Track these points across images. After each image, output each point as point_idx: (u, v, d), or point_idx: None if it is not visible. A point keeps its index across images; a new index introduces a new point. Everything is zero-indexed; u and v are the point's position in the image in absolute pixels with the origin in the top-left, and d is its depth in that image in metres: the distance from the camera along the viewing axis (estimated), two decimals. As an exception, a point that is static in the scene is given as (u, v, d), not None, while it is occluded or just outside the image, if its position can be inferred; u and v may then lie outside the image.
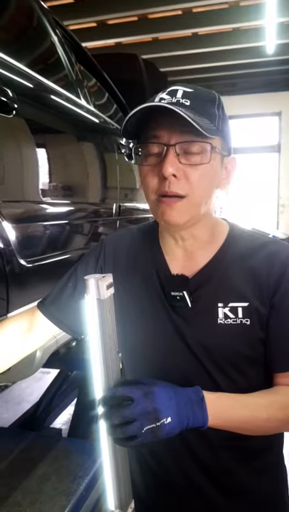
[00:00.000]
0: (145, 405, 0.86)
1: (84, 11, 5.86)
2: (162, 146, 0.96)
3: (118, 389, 0.89)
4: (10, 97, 1.48)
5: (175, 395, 0.90)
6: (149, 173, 0.99)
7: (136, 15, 6.13)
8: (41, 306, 1.18)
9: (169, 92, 0.98)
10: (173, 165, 0.94)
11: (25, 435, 2.00)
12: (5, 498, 1.54)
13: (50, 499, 1.55)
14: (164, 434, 0.86)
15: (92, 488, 1.69)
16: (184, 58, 7.51)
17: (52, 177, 1.79)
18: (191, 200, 0.97)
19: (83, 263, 1.21)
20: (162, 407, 0.87)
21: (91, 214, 2.26)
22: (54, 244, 1.82)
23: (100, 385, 0.91)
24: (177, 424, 0.88)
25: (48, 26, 2.24)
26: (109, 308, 0.90)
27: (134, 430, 0.84)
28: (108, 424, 0.87)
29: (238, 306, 1.03)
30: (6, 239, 1.42)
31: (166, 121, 0.94)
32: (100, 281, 0.86)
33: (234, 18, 6.09)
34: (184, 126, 0.91)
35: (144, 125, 0.99)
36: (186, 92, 0.97)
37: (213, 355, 1.04)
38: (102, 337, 0.89)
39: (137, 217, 3.06)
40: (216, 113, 0.98)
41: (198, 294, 1.05)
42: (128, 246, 1.20)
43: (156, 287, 1.10)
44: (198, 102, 0.96)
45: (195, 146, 0.95)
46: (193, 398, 0.91)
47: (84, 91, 2.49)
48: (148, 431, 0.85)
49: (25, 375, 1.55)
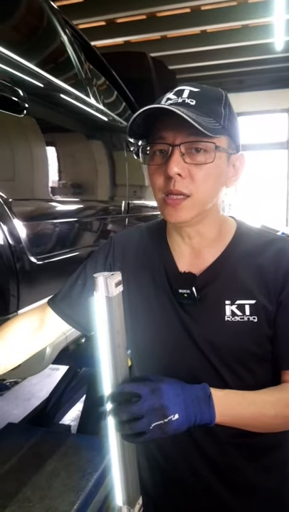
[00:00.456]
0: (153, 402, 0.86)
1: (93, 10, 5.87)
2: (168, 146, 0.97)
3: (126, 385, 0.90)
4: (21, 96, 1.49)
5: (182, 392, 0.91)
6: (156, 172, 1.01)
7: (144, 13, 6.13)
8: (52, 303, 1.19)
9: (175, 92, 0.99)
10: (178, 164, 0.95)
11: (34, 431, 2.02)
12: (15, 493, 1.56)
13: (59, 495, 1.56)
14: (171, 431, 0.87)
15: (101, 484, 1.70)
16: (192, 56, 7.50)
17: (62, 175, 1.80)
18: (196, 199, 0.98)
19: (92, 261, 1.22)
20: (170, 404, 0.87)
21: (100, 212, 2.27)
22: (64, 242, 1.83)
23: (108, 382, 0.92)
24: (185, 420, 0.88)
25: (58, 26, 2.25)
26: (118, 306, 0.91)
27: (142, 426, 0.85)
28: (116, 421, 0.87)
29: (245, 303, 1.03)
30: (17, 236, 1.44)
31: (172, 121, 0.95)
32: (108, 279, 0.87)
33: (243, 15, 6.08)
34: (189, 127, 0.92)
35: (151, 125, 1.00)
36: (193, 91, 0.98)
37: (221, 352, 1.05)
38: (110, 334, 0.90)
39: (145, 215, 3.07)
40: (222, 111, 0.99)
41: (206, 291, 1.06)
42: (137, 244, 1.21)
43: (164, 285, 1.11)
44: (204, 102, 0.97)
45: (199, 146, 0.96)
46: (201, 395, 0.92)
47: (93, 89, 2.50)
48: (156, 427, 0.85)
49: (36, 371, 1.56)
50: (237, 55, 7.51)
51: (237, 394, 0.98)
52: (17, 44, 1.75)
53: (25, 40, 1.92)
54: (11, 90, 1.47)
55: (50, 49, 2.17)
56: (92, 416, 2.44)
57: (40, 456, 1.79)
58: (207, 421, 0.91)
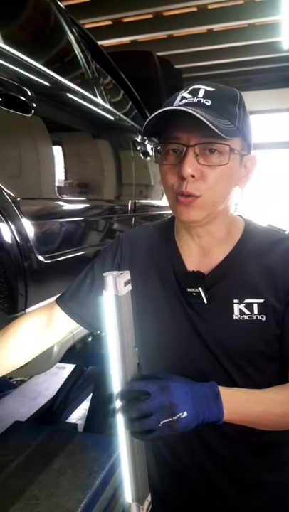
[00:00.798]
0: (162, 399, 0.87)
1: (100, 10, 5.86)
2: (182, 147, 0.97)
3: (135, 383, 0.90)
4: (29, 96, 1.50)
5: (191, 390, 0.91)
6: (169, 172, 1.00)
7: (151, 12, 6.11)
8: (60, 302, 1.20)
9: (190, 91, 0.98)
10: (192, 165, 0.95)
11: (41, 429, 2.02)
12: (22, 491, 1.56)
13: (66, 493, 1.57)
14: (180, 428, 0.87)
15: (107, 482, 1.71)
16: (199, 55, 7.47)
17: (69, 174, 1.80)
18: (207, 200, 0.98)
19: (100, 259, 1.23)
20: (178, 402, 0.88)
21: (107, 211, 2.28)
22: (71, 241, 1.83)
23: (117, 380, 0.92)
24: (193, 418, 0.89)
25: (65, 25, 2.26)
26: (127, 305, 0.91)
27: (151, 424, 0.85)
28: (125, 418, 0.88)
29: (253, 302, 1.03)
30: (25, 235, 1.44)
31: (187, 121, 0.94)
32: (118, 278, 0.88)
33: (249, 13, 6.05)
34: (204, 127, 0.91)
35: (164, 124, 1.00)
36: (208, 91, 0.98)
37: (229, 351, 1.05)
38: (119, 333, 0.91)
39: (151, 214, 3.07)
40: (237, 112, 0.99)
41: (214, 290, 1.06)
42: (145, 242, 1.21)
43: (172, 283, 1.11)
44: (220, 102, 0.97)
45: (214, 147, 0.96)
46: (209, 393, 0.92)
47: (100, 89, 2.50)
48: (165, 425, 0.86)
49: (43, 369, 1.57)
50: (244, 53, 7.48)
51: (245, 392, 0.99)
52: (25, 44, 1.76)
53: (33, 39, 1.93)
54: (19, 90, 1.48)
55: (57, 48, 2.18)
56: (99, 414, 2.44)
57: (47, 455, 1.79)
58: (215, 419, 0.91)
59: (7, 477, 1.65)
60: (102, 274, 1.16)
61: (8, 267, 1.39)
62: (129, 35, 6.68)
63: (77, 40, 2.39)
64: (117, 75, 3.15)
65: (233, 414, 0.93)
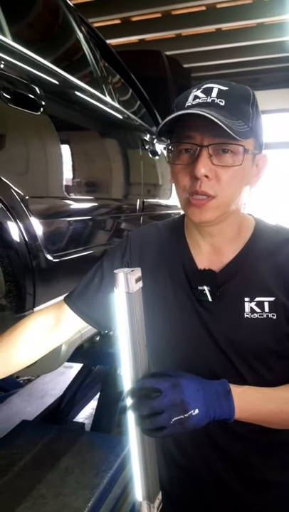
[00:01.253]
0: (173, 397, 0.87)
1: (108, 9, 5.86)
2: (195, 147, 0.96)
3: (146, 381, 0.91)
4: (38, 94, 1.50)
5: (202, 387, 0.91)
6: (181, 172, 1.00)
7: (160, 11, 6.10)
8: (68, 301, 1.20)
9: (204, 90, 0.98)
10: (205, 166, 0.94)
11: (49, 429, 2.03)
12: (29, 490, 1.57)
13: (73, 492, 1.57)
14: (191, 426, 0.88)
15: (115, 481, 1.70)
16: (207, 54, 7.46)
17: (77, 173, 1.80)
18: (220, 200, 0.98)
19: (109, 258, 1.22)
20: (190, 399, 0.88)
21: (115, 210, 2.27)
22: (79, 240, 1.83)
23: (128, 377, 0.93)
24: (204, 416, 0.89)
25: (74, 24, 2.26)
26: (138, 302, 0.91)
27: (162, 421, 0.86)
28: (137, 415, 0.88)
29: (264, 300, 1.03)
30: (33, 234, 1.44)
31: (200, 121, 0.93)
32: (129, 274, 0.87)
33: (258, 13, 6.02)
34: (218, 128, 0.91)
35: (177, 124, 0.99)
36: (221, 90, 0.97)
37: (240, 349, 1.05)
38: (131, 330, 0.91)
39: (160, 213, 3.07)
40: (250, 111, 0.98)
41: (225, 288, 1.06)
42: (154, 241, 1.20)
43: (182, 282, 1.11)
44: (233, 102, 0.96)
45: (229, 147, 0.95)
46: (220, 391, 0.92)
47: (108, 87, 2.50)
48: (176, 422, 0.86)
49: (51, 368, 1.57)
50: (252, 53, 7.46)
51: (256, 390, 0.99)
52: (34, 42, 1.76)
53: (42, 37, 1.93)
54: (28, 88, 1.47)
55: (66, 47, 2.19)
56: (106, 414, 2.44)
57: (55, 454, 1.79)
58: (226, 416, 0.92)
59: (15, 476, 1.65)
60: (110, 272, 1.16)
61: (16, 265, 1.39)
62: (137, 34, 6.68)
63: (86, 38, 2.39)
64: (126, 73, 3.14)
65: (243, 412, 0.93)
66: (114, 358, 2.37)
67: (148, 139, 2.83)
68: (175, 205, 3.29)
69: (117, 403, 2.41)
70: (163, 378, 0.91)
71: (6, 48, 1.47)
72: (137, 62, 3.71)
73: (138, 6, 5.77)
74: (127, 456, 1.80)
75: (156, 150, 2.92)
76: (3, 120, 1.38)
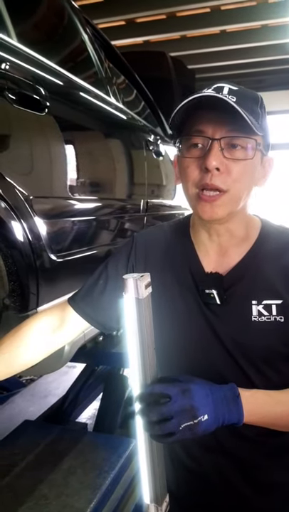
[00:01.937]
0: (182, 403, 0.86)
1: (113, 10, 5.87)
2: (207, 140, 0.96)
3: (155, 386, 0.90)
4: (42, 95, 1.50)
5: (211, 393, 0.91)
6: (191, 165, 0.99)
7: (164, 13, 6.11)
8: (72, 302, 1.19)
9: (215, 89, 0.98)
10: (217, 159, 0.94)
11: (51, 429, 2.02)
12: (32, 490, 1.56)
13: (76, 492, 1.56)
14: (200, 431, 0.87)
15: (117, 482, 1.70)
16: (211, 55, 7.46)
17: (82, 174, 1.80)
18: (232, 195, 0.98)
19: (114, 260, 1.22)
20: (199, 405, 0.87)
21: (119, 210, 2.27)
22: (83, 240, 1.83)
23: (137, 383, 0.92)
24: (214, 421, 0.88)
25: (79, 25, 2.26)
26: (147, 307, 0.91)
27: (171, 427, 0.85)
28: (146, 421, 0.88)
29: (272, 303, 1.03)
30: (37, 234, 1.44)
31: (211, 115, 0.95)
32: (138, 280, 0.87)
33: (262, 14, 6.03)
34: (229, 122, 0.92)
35: (187, 119, 0.99)
36: (232, 89, 0.98)
37: (248, 352, 1.04)
38: (140, 335, 0.91)
39: (163, 214, 3.07)
40: (259, 112, 0.99)
41: (232, 291, 1.05)
42: (159, 243, 1.20)
43: (189, 285, 1.10)
44: (244, 100, 0.96)
45: (240, 141, 0.96)
46: (229, 395, 0.92)
47: (113, 88, 2.50)
48: (185, 428, 0.86)
49: (54, 368, 1.57)
50: (257, 54, 7.46)
51: (264, 393, 0.98)
52: (39, 42, 1.76)
53: (47, 38, 1.94)
54: (33, 88, 1.48)
55: (70, 48, 2.19)
56: (109, 414, 2.44)
57: (57, 454, 1.79)
58: (235, 421, 0.91)
59: (17, 476, 1.64)
60: (115, 275, 1.16)
61: (20, 265, 1.39)
62: (142, 35, 6.69)
63: (91, 39, 2.40)
64: (130, 74, 3.15)
65: (252, 415, 0.93)
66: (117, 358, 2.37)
67: (152, 139, 2.83)
68: (179, 205, 3.29)
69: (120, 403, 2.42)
70: (172, 384, 0.90)
71: (11, 49, 1.47)
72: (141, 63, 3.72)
73: (143, 7, 5.78)
74: (129, 457, 1.80)
75: (160, 151, 2.92)
76: (9, 121, 1.38)
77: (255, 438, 1.08)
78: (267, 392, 0.99)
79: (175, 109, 1.01)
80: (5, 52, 1.42)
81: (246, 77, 8.69)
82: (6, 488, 1.58)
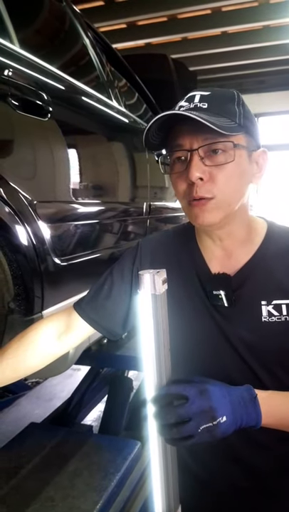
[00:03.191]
0: (201, 404, 0.84)
1: (114, 13, 5.90)
2: (186, 153, 0.97)
3: (171, 387, 0.88)
4: (45, 100, 1.51)
5: (228, 394, 0.89)
6: (178, 180, 1.01)
7: (165, 15, 6.14)
8: (77, 308, 1.19)
9: (187, 99, 1.00)
10: (198, 169, 0.95)
11: (57, 431, 2.02)
12: (38, 493, 1.56)
13: (82, 494, 1.57)
14: (220, 434, 0.85)
15: (123, 484, 1.70)
16: (213, 57, 7.48)
17: (85, 177, 1.81)
18: (220, 200, 0.97)
19: (119, 266, 1.21)
20: (218, 406, 0.85)
21: (122, 213, 2.28)
22: (87, 243, 1.84)
23: (152, 383, 0.89)
24: (232, 423, 0.86)
25: (80, 29, 2.27)
26: (163, 304, 0.89)
27: (190, 430, 0.82)
28: (161, 424, 0.85)
29: (281, 303, 1.02)
30: (41, 238, 1.45)
31: (187, 128, 0.95)
32: (155, 276, 0.85)
33: (264, 15, 6.05)
34: (205, 130, 0.91)
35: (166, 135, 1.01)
36: (203, 95, 0.99)
37: (258, 353, 1.03)
38: (155, 333, 0.88)
39: (166, 216, 3.07)
40: (237, 110, 0.98)
41: (241, 292, 1.04)
42: (165, 248, 1.19)
43: (196, 288, 1.10)
44: (216, 103, 0.97)
45: (217, 147, 0.95)
46: (247, 397, 0.90)
47: (115, 92, 2.51)
48: (204, 430, 0.83)
49: (59, 371, 1.58)
50: (258, 55, 7.48)
51: (281, 395, 0.97)
52: (41, 48, 1.77)
53: (49, 43, 1.95)
54: (36, 94, 1.49)
55: (72, 52, 2.20)
56: (114, 416, 2.44)
57: (63, 456, 1.79)
58: (253, 423, 0.89)
59: (23, 479, 1.65)
60: (120, 280, 1.16)
61: (24, 269, 1.40)
62: (143, 38, 6.72)
63: (92, 43, 2.41)
64: (132, 77, 3.15)
65: (270, 417, 0.91)
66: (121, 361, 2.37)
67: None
68: (182, 208, 3.29)
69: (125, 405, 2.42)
70: (190, 384, 0.88)
71: (13, 54, 1.49)
72: (143, 66, 3.72)
73: (144, 10, 5.80)
74: (135, 459, 1.80)
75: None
76: (12, 126, 1.40)
77: (266, 444, 1.06)
78: (283, 393, 0.97)
79: None
80: (7, 58, 1.43)
81: (248, 78, 8.71)
82: (12, 490, 1.58)
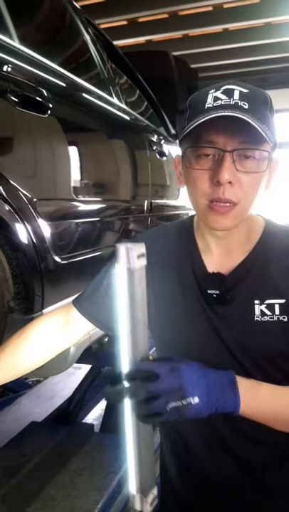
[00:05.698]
0: (171, 381, 0.82)
1: (115, 10, 5.88)
2: (218, 151, 0.93)
3: (144, 363, 0.86)
4: (45, 96, 1.50)
5: (205, 375, 0.87)
6: (201, 177, 0.96)
7: (166, 12, 6.11)
8: (76, 304, 1.19)
9: (224, 92, 0.94)
10: (229, 172, 0.91)
11: (58, 430, 2.03)
12: (39, 492, 1.57)
13: (83, 493, 1.57)
14: (190, 414, 0.83)
15: (124, 483, 1.70)
16: (215, 54, 7.46)
17: (85, 175, 1.80)
18: (243, 207, 0.95)
19: None
20: (189, 385, 0.83)
21: (123, 211, 2.27)
22: (87, 241, 1.83)
23: (126, 360, 0.87)
24: (205, 405, 0.84)
25: (81, 26, 2.26)
26: (140, 280, 0.85)
27: (158, 407, 0.81)
28: (132, 400, 0.83)
29: (275, 302, 1.01)
30: (41, 236, 1.44)
31: (223, 124, 0.91)
32: (131, 250, 0.81)
33: (265, 12, 6.02)
34: (241, 132, 0.89)
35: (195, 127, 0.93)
36: (243, 92, 0.94)
37: (251, 353, 1.03)
38: (130, 309, 0.85)
39: (167, 214, 3.06)
40: (269, 116, 0.95)
41: (235, 291, 1.04)
42: (163, 243, 1.19)
43: (192, 285, 1.09)
44: (256, 105, 0.93)
45: (254, 154, 0.93)
46: (225, 381, 0.88)
47: (116, 89, 2.50)
48: (173, 408, 0.81)
49: (60, 370, 1.57)
50: (260, 53, 7.45)
51: (266, 385, 0.94)
52: (41, 44, 1.76)
53: (49, 40, 1.94)
54: (36, 90, 1.48)
55: (73, 49, 2.19)
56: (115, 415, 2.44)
57: (64, 455, 1.79)
58: (231, 409, 0.87)
59: (24, 478, 1.65)
60: None
61: (24, 267, 1.40)
62: (144, 34, 6.69)
63: (93, 40, 2.40)
64: (133, 74, 3.15)
65: (250, 407, 0.89)
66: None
67: (155, 139, 2.83)
68: (183, 205, 3.29)
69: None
70: (163, 362, 0.87)
71: (13, 50, 1.48)
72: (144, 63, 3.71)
73: (145, 7, 5.78)
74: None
75: (164, 151, 2.92)
76: (11, 123, 1.39)
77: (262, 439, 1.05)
78: (269, 385, 0.95)
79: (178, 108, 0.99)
80: (7, 54, 1.42)
81: (250, 76, 8.68)
82: (13, 489, 1.58)
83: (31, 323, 1.20)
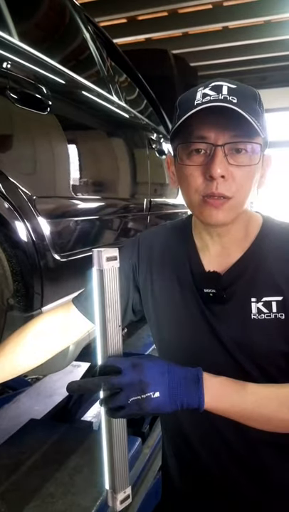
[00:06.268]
0: (132, 376, 0.85)
1: (115, 8, 5.87)
2: (210, 146, 0.93)
3: (109, 359, 0.90)
4: (44, 94, 1.50)
5: (168, 372, 0.88)
6: (194, 173, 0.96)
7: (166, 10, 6.10)
8: (76, 302, 1.19)
9: (213, 88, 0.94)
10: (222, 166, 0.91)
11: (57, 427, 2.02)
12: (38, 489, 1.56)
13: (82, 491, 1.56)
14: (149, 408, 0.85)
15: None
16: (214, 52, 7.45)
17: (84, 173, 1.80)
18: (237, 201, 0.95)
19: None
20: (150, 380, 0.86)
21: (122, 209, 2.27)
22: (86, 239, 1.83)
23: (99, 355, 0.93)
24: (167, 401, 0.86)
25: (80, 23, 2.26)
26: (110, 280, 0.91)
27: (120, 400, 0.84)
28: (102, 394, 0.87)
29: (272, 300, 1.01)
30: (41, 234, 1.44)
31: (213, 119, 0.91)
32: (102, 252, 0.89)
33: (265, 10, 6.01)
34: (232, 126, 0.89)
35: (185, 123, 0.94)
36: (231, 88, 0.94)
37: (248, 351, 1.03)
38: (101, 307, 0.91)
39: (166, 213, 3.06)
40: (259, 110, 0.95)
41: (232, 289, 1.04)
42: (162, 243, 1.19)
43: (189, 284, 1.09)
44: (244, 100, 0.92)
45: (246, 147, 0.93)
46: (189, 377, 0.89)
47: (115, 87, 2.50)
48: (133, 402, 0.84)
49: (59, 368, 1.57)
50: (260, 51, 7.44)
51: (236, 383, 0.93)
52: (40, 41, 1.76)
53: (49, 37, 1.94)
54: (35, 88, 1.48)
55: (72, 46, 2.19)
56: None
57: (63, 453, 1.79)
58: (195, 405, 0.87)
59: (23, 475, 1.65)
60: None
61: (24, 265, 1.40)
62: (144, 33, 6.69)
63: (93, 38, 2.39)
64: (133, 72, 3.14)
65: (218, 403, 0.89)
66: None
67: (155, 138, 2.83)
68: (182, 204, 3.29)
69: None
70: (126, 358, 0.89)
71: (12, 47, 1.47)
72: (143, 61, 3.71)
73: (144, 4, 5.78)
74: (135, 455, 1.80)
75: (163, 149, 2.91)
76: (11, 120, 1.39)
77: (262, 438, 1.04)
78: (240, 381, 0.94)
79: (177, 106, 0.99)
80: (6, 51, 1.42)
81: (249, 74, 8.68)
82: (12, 487, 1.58)
83: (31, 322, 1.20)
